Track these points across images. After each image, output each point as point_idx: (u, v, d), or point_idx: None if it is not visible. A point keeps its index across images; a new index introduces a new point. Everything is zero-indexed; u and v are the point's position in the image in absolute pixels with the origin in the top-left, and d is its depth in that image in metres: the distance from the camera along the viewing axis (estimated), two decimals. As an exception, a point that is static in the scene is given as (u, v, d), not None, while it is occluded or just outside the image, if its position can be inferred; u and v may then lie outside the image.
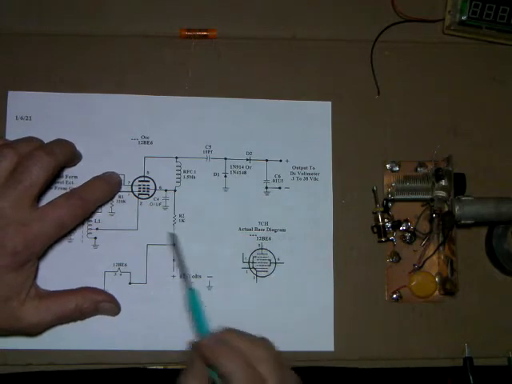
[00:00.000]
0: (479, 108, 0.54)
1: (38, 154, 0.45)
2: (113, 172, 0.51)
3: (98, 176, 0.50)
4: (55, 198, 0.46)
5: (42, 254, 0.47)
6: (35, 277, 0.47)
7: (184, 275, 0.47)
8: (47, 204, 0.46)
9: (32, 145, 0.47)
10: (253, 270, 0.51)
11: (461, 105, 0.54)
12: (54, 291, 0.48)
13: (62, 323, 0.48)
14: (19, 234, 0.44)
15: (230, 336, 0.44)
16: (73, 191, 0.47)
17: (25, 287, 0.45)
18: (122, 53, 0.53)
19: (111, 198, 0.51)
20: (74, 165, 0.51)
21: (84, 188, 0.48)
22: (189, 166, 0.52)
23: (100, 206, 0.50)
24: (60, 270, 0.50)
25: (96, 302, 0.48)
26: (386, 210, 0.51)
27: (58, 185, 0.51)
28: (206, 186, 0.52)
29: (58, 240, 0.47)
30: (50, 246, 0.47)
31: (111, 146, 0.52)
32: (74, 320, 0.48)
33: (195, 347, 0.43)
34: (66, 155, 0.48)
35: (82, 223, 0.50)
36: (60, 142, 0.49)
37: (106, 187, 0.50)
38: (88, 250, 0.50)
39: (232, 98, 0.53)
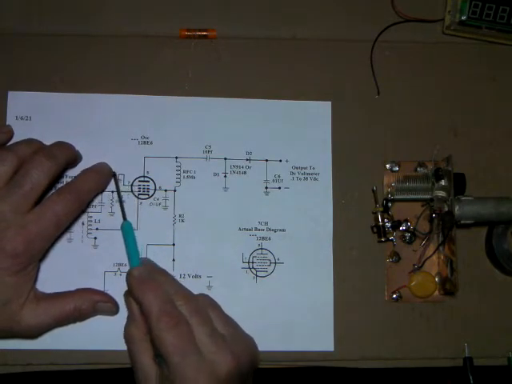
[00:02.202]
0: (479, 108, 0.54)
1: (39, 159, 0.45)
2: (102, 162, 0.51)
3: (87, 168, 0.50)
4: (48, 195, 0.47)
5: (42, 256, 0.47)
6: (35, 280, 0.47)
7: (121, 207, 0.49)
8: (42, 202, 0.46)
9: (32, 147, 0.47)
10: (253, 270, 0.51)
11: (461, 105, 0.54)
12: (51, 293, 0.48)
13: (60, 325, 0.48)
14: (19, 237, 0.44)
15: (160, 275, 0.46)
16: (65, 185, 0.48)
17: (25, 290, 0.45)
18: (121, 53, 0.53)
19: (104, 189, 0.51)
20: (74, 166, 0.51)
21: (76, 181, 0.48)
22: (189, 166, 0.52)
23: (94, 197, 0.50)
24: (60, 270, 0.50)
25: (94, 303, 0.48)
26: (386, 209, 0.51)
27: (56, 185, 0.50)
28: (206, 185, 0.52)
29: (57, 237, 0.47)
30: (50, 246, 0.47)
31: (111, 146, 0.52)
32: (73, 322, 0.48)
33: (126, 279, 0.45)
34: (67, 158, 0.48)
35: (78, 217, 0.50)
36: (61, 145, 0.49)
37: (97, 177, 0.50)
38: (88, 250, 0.50)
39: (232, 98, 0.53)
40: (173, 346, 0.42)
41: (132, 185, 0.51)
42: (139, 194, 0.51)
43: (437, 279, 0.52)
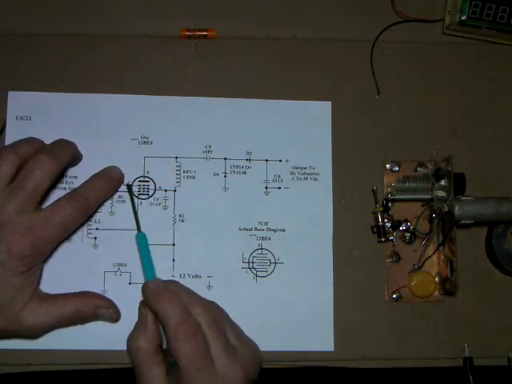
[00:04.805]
0: (479, 108, 0.54)
1: (40, 159, 0.45)
2: (113, 166, 0.51)
3: (97, 173, 0.50)
4: (57, 200, 0.46)
5: (46, 257, 0.47)
6: (39, 281, 0.47)
7: (135, 218, 0.49)
8: (50, 206, 0.46)
9: (33, 146, 0.47)
10: (253, 270, 0.51)
11: (461, 105, 0.54)
12: (54, 294, 0.48)
13: (61, 326, 0.48)
14: (25, 239, 0.44)
15: (175, 286, 0.45)
16: (74, 192, 0.47)
17: (29, 291, 0.45)
18: (122, 53, 0.53)
19: (113, 195, 0.51)
20: (75, 165, 0.51)
21: (85, 188, 0.48)
22: (189, 166, 0.52)
23: (102, 203, 0.50)
24: (60, 270, 0.50)
25: (95, 307, 0.48)
26: (386, 209, 0.51)
27: (58, 184, 0.51)
28: (206, 186, 0.52)
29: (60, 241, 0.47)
30: (54, 248, 0.48)
31: (111, 145, 0.52)
32: (74, 324, 0.48)
33: (142, 290, 0.45)
34: (69, 157, 0.48)
35: (84, 223, 0.50)
36: (62, 144, 0.49)
37: (107, 184, 0.50)
38: (88, 250, 0.50)
39: (232, 98, 0.53)
40: (189, 358, 0.41)
41: (132, 185, 0.51)
42: (139, 194, 0.51)
43: (437, 279, 0.52)
